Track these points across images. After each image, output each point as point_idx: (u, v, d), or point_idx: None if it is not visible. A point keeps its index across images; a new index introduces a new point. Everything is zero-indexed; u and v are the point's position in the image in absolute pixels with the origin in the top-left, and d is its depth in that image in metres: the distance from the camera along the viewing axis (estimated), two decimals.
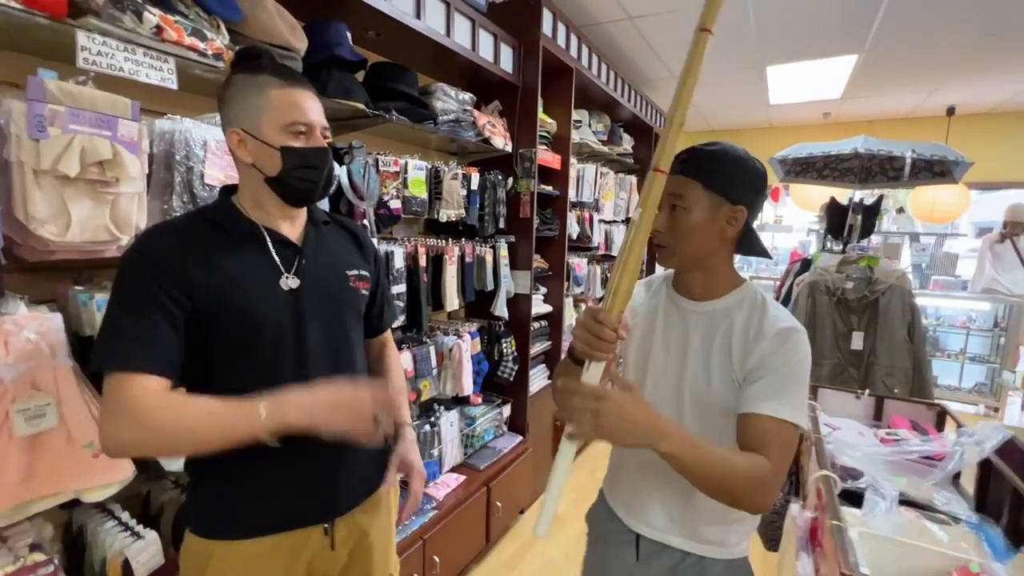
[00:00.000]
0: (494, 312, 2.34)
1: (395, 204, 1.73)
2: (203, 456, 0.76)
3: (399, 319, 1.79)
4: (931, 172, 2.64)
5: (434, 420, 2.04)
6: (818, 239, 5.33)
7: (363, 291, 1.00)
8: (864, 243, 2.70)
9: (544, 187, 2.59)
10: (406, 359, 1.84)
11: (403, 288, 1.79)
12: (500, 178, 2.30)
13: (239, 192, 0.89)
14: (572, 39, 2.62)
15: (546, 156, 2.52)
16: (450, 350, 2.07)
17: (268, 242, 0.86)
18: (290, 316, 0.85)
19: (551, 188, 2.66)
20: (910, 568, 0.93)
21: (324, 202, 1.43)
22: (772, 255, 1.89)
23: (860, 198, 2.75)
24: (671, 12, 2.78)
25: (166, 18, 1.00)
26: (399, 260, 1.76)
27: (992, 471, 1.20)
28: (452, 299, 2.04)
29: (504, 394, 2.47)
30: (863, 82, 3.88)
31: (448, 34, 1.85)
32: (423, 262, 1.88)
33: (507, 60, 2.24)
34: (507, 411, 2.46)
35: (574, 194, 2.92)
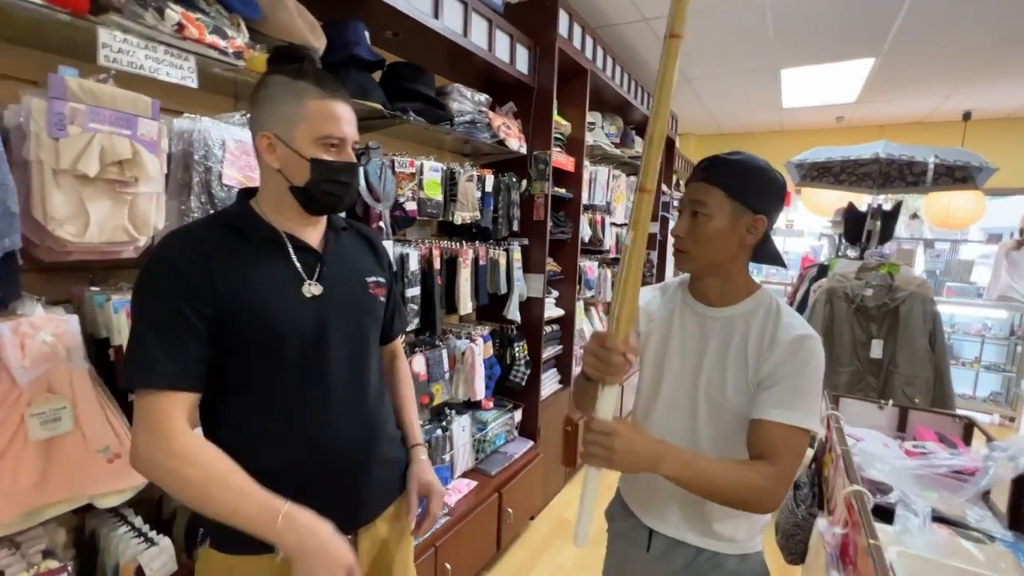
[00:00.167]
0: (507, 316, 2.31)
1: (411, 206, 1.71)
2: None
3: (413, 323, 1.77)
4: (952, 178, 2.59)
5: (446, 425, 2.01)
6: (830, 244, 5.29)
7: (381, 298, 0.98)
8: (883, 249, 2.65)
9: (557, 189, 2.57)
10: (419, 362, 1.82)
11: (417, 291, 1.77)
12: (514, 180, 2.27)
13: (259, 196, 0.87)
14: (587, 40, 2.59)
15: (560, 158, 2.49)
16: (462, 354, 2.04)
17: (290, 249, 0.84)
18: (312, 324, 0.83)
19: (564, 191, 2.64)
20: None
21: None
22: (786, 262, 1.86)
23: (878, 203, 2.71)
24: (691, 12, 2.74)
25: (188, 15, 0.98)
26: (414, 263, 1.74)
27: None
28: (465, 302, 2.02)
29: (515, 399, 2.45)
30: (879, 86, 3.83)
31: (465, 34, 1.83)
32: (437, 265, 1.86)
33: (523, 61, 2.21)
34: (518, 416, 2.43)
35: (586, 197, 2.89)
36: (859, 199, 3.44)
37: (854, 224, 2.71)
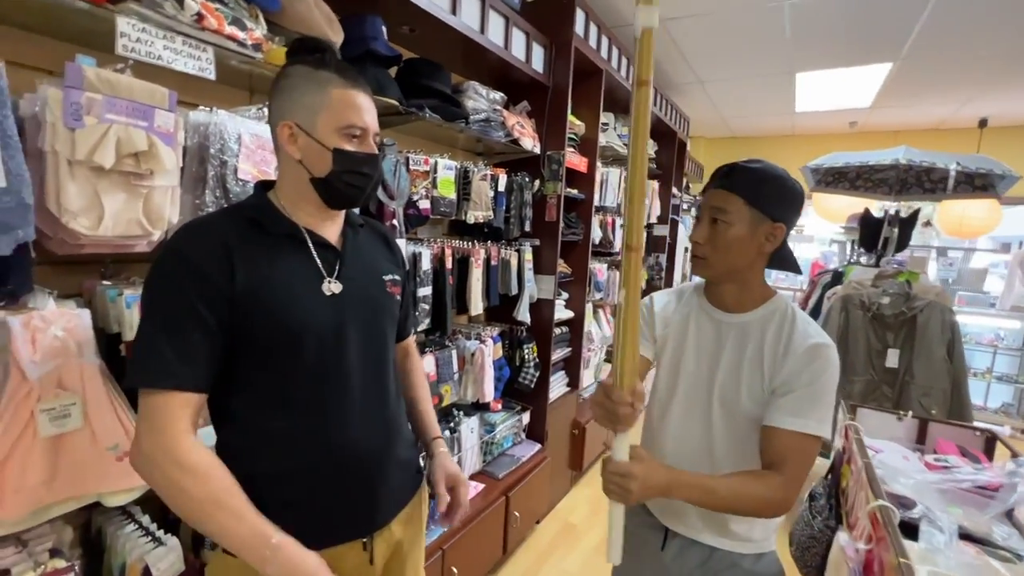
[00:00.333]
0: (516, 317, 2.29)
1: (424, 204, 1.68)
2: (239, 472, 0.71)
3: (423, 323, 1.75)
4: (972, 186, 2.55)
5: (454, 426, 1.99)
6: (841, 250, 5.23)
7: (397, 297, 0.96)
8: (899, 257, 2.61)
9: (570, 190, 2.54)
10: (428, 363, 1.80)
11: (429, 291, 1.74)
12: (527, 180, 2.25)
13: (277, 189, 0.85)
14: (603, 40, 2.57)
15: (573, 159, 2.46)
16: (472, 355, 2.02)
17: (310, 244, 0.82)
18: (332, 322, 0.80)
19: (576, 192, 2.61)
20: None
21: None
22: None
23: (896, 210, 2.66)
24: (708, 15, 2.71)
25: (207, 5, 0.96)
26: (426, 262, 1.71)
27: None
28: (477, 303, 1.99)
29: (524, 401, 2.42)
30: (895, 91, 3.78)
31: (482, 31, 1.81)
32: (449, 264, 1.84)
33: (538, 60, 2.19)
34: (526, 418, 2.41)
35: (597, 198, 2.87)
36: (872, 205, 3.39)
37: (870, 231, 2.67)
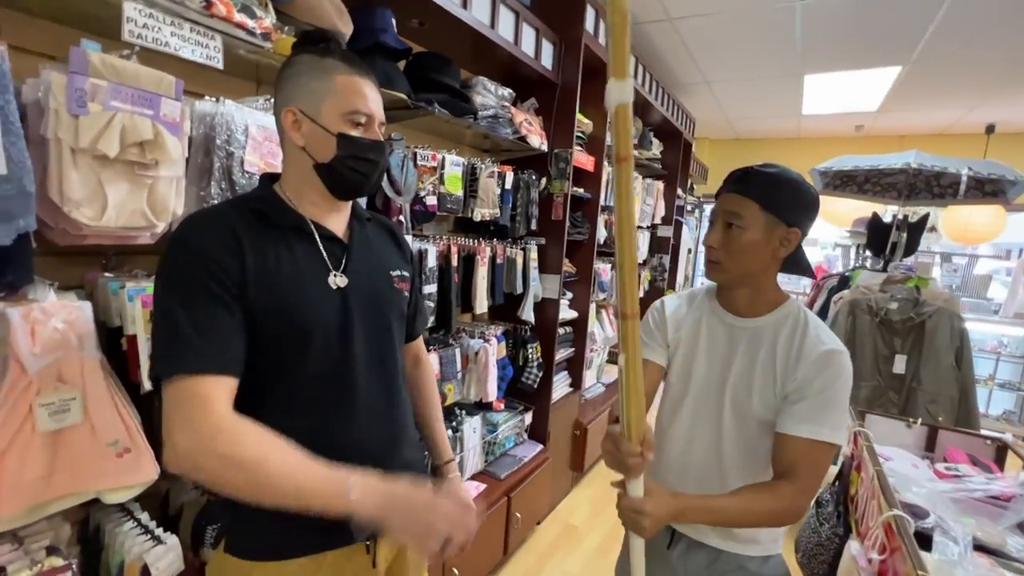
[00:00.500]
0: (521, 316, 2.27)
1: (431, 200, 1.66)
2: None
3: (428, 320, 1.73)
4: (981, 191, 2.52)
5: (456, 425, 1.97)
6: (844, 254, 5.21)
7: (405, 292, 0.94)
8: (908, 262, 2.59)
9: (576, 189, 2.52)
10: (432, 361, 1.77)
11: (434, 288, 1.72)
12: (534, 178, 2.22)
13: (283, 180, 0.83)
14: None
15: (580, 157, 2.44)
16: (476, 353, 2.00)
17: (316, 237, 0.80)
18: (337, 317, 0.78)
19: (583, 191, 2.58)
20: None
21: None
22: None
23: (904, 215, 2.64)
24: (717, 14, 2.69)
25: None
26: (432, 259, 1.69)
27: None
28: (482, 301, 1.97)
29: (526, 401, 2.40)
30: (903, 95, 3.76)
31: (492, 26, 1.78)
32: (455, 262, 1.81)
33: (548, 56, 2.16)
34: (528, 418, 2.39)
35: (604, 198, 2.84)
36: (879, 209, 3.37)
37: (878, 235, 2.65)
